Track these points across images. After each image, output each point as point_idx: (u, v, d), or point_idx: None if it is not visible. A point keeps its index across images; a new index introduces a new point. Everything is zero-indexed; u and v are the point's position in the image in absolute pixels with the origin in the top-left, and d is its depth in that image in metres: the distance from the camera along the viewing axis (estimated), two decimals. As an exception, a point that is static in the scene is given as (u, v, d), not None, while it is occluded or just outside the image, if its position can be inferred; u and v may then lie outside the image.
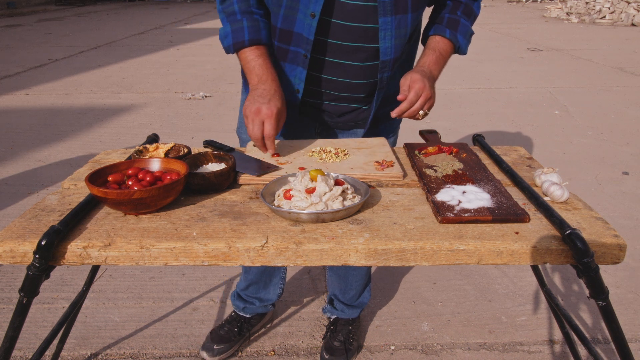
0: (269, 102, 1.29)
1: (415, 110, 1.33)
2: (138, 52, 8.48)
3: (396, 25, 1.33)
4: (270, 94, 1.31)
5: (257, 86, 1.33)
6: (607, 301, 0.95)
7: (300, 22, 1.34)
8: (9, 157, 3.88)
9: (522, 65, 7.23)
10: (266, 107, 1.28)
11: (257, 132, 1.28)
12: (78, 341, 1.98)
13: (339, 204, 1.04)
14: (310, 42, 1.35)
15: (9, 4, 16.65)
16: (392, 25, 1.33)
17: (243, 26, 1.36)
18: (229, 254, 0.95)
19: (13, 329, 1.01)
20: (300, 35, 1.36)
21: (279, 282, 1.94)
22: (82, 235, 0.98)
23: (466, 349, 1.96)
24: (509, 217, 1.01)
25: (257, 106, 1.28)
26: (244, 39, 1.36)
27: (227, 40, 1.38)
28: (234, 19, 1.37)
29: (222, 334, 1.91)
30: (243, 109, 1.32)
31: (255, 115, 1.28)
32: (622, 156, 3.88)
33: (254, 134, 1.29)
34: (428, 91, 1.32)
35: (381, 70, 1.40)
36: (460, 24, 1.44)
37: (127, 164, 1.16)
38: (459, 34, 1.43)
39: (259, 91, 1.32)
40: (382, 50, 1.36)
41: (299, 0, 1.31)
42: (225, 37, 1.39)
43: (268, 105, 1.28)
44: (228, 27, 1.38)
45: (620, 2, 12.26)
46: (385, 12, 1.30)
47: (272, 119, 1.28)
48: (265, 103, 1.29)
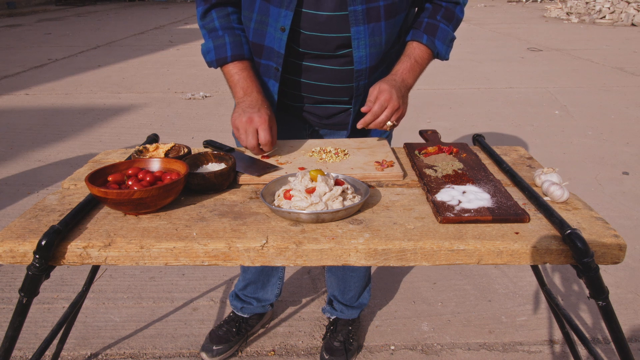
0: (259, 111, 1.30)
1: (380, 122, 1.32)
2: (138, 52, 8.48)
3: (370, 33, 1.31)
4: (258, 104, 1.33)
5: (244, 99, 1.35)
6: (607, 301, 0.95)
7: (271, 35, 1.35)
8: (9, 157, 3.88)
9: (522, 65, 7.23)
10: (257, 116, 1.29)
11: (252, 141, 1.29)
12: (78, 341, 1.98)
13: (339, 204, 1.04)
14: (281, 55, 1.36)
15: (9, 4, 16.65)
16: (365, 34, 1.31)
17: (225, 42, 1.38)
18: (229, 254, 0.95)
19: (13, 329, 1.01)
20: (271, 49, 1.37)
21: (277, 283, 1.94)
22: (82, 235, 0.97)
23: (466, 349, 1.96)
24: (509, 217, 1.01)
25: (248, 116, 1.29)
26: (226, 55, 1.38)
27: (210, 56, 1.41)
28: (216, 35, 1.40)
29: (220, 334, 1.91)
30: (232, 121, 1.33)
31: (248, 124, 1.29)
32: (622, 156, 3.88)
33: (249, 143, 1.30)
34: (395, 102, 1.30)
35: (356, 79, 1.39)
36: (439, 29, 1.40)
37: (127, 164, 1.16)
38: (437, 39, 1.40)
39: (247, 102, 1.34)
40: (356, 60, 1.35)
41: (268, 15, 1.32)
42: (207, 52, 1.41)
43: (259, 114, 1.30)
44: (210, 43, 1.40)
45: (620, 2, 12.26)
46: (357, 22, 1.29)
47: (266, 125, 1.29)
48: (255, 112, 1.30)
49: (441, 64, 5.67)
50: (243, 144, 1.32)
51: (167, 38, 10.25)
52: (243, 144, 1.32)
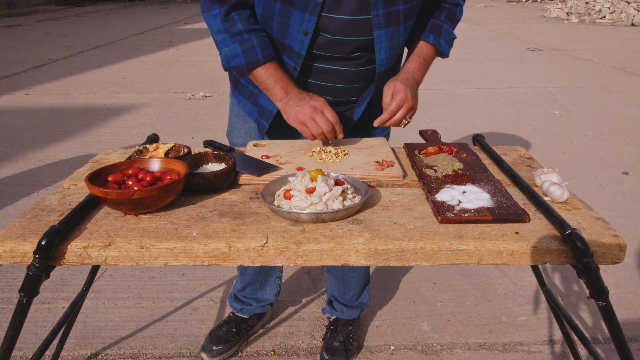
0: (314, 98, 1.30)
1: (396, 120, 1.36)
2: (138, 52, 8.48)
3: (390, 36, 1.35)
4: (306, 94, 1.33)
5: (289, 96, 1.33)
6: (607, 301, 0.95)
7: (293, 37, 1.35)
8: (9, 157, 3.88)
9: (522, 65, 7.23)
10: (316, 101, 1.29)
11: (327, 124, 1.28)
12: (78, 341, 1.98)
13: (339, 204, 1.04)
14: (301, 57, 1.36)
15: (9, 4, 16.64)
16: (386, 37, 1.34)
17: (254, 45, 1.33)
18: (229, 254, 0.95)
19: (13, 329, 1.01)
20: (292, 48, 1.37)
21: (275, 282, 1.94)
22: (82, 235, 0.97)
23: (466, 349, 1.96)
24: (509, 217, 1.01)
25: (308, 105, 1.29)
26: (257, 58, 1.34)
27: (238, 60, 1.35)
28: (241, 38, 1.34)
29: (220, 334, 1.91)
30: (293, 119, 1.30)
31: (313, 112, 1.28)
32: (622, 156, 3.88)
33: (325, 126, 1.28)
34: (410, 101, 1.35)
35: (377, 81, 1.43)
36: (443, 29, 1.46)
37: (127, 164, 1.16)
38: (442, 39, 1.46)
39: (295, 98, 1.32)
40: (378, 63, 1.38)
41: (290, 18, 1.31)
42: (234, 57, 1.35)
43: (316, 99, 1.30)
44: (237, 47, 1.34)
45: (620, 2, 12.26)
46: (379, 25, 1.31)
47: (328, 106, 1.29)
48: (312, 99, 1.30)
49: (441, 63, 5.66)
50: (315, 131, 1.29)
51: (167, 38, 10.25)
52: (315, 132, 1.29)
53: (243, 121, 1.61)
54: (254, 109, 1.54)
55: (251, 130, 1.60)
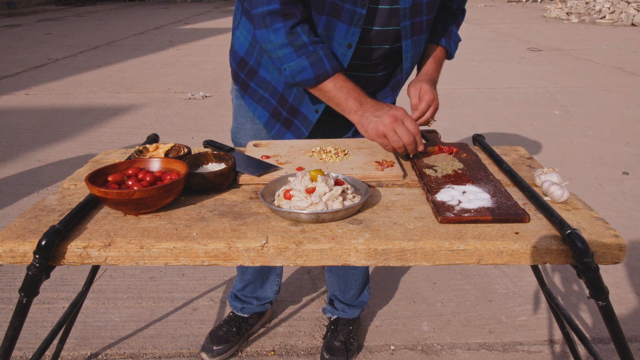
0: (392, 108, 1.26)
1: (426, 119, 1.42)
2: (138, 52, 8.48)
3: (413, 46, 1.41)
4: (382, 103, 1.29)
5: (363, 107, 1.28)
6: (607, 301, 0.95)
7: (335, 50, 1.36)
8: (9, 157, 3.88)
9: (522, 65, 7.23)
10: (395, 111, 1.24)
11: (409, 136, 1.22)
12: (78, 341, 1.98)
13: (339, 204, 1.04)
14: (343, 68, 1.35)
15: (9, 4, 16.65)
16: (411, 47, 1.41)
17: (320, 57, 1.28)
18: (229, 254, 0.95)
19: (13, 329, 1.01)
20: None
21: (275, 280, 1.95)
22: (82, 235, 0.97)
23: (466, 349, 1.96)
24: (509, 217, 1.01)
25: (388, 115, 1.23)
26: (326, 69, 1.28)
27: (305, 74, 1.29)
28: (307, 50, 1.28)
29: (220, 334, 1.91)
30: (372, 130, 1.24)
31: (395, 123, 1.22)
32: (622, 156, 3.88)
33: (407, 138, 1.22)
34: (436, 100, 1.42)
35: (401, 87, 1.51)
36: (453, 33, 1.54)
37: (127, 164, 1.16)
38: (452, 42, 1.55)
39: (371, 108, 1.27)
40: (405, 70, 1.46)
41: (334, 30, 1.32)
42: (301, 71, 1.29)
43: (395, 109, 1.25)
44: (304, 60, 1.28)
45: (620, 2, 12.26)
46: (406, 36, 1.37)
47: (408, 115, 1.25)
48: (391, 109, 1.25)
49: (441, 64, 5.67)
50: (396, 144, 1.23)
51: (167, 38, 10.25)
52: (396, 145, 1.23)
53: (252, 123, 1.60)
54: (264, 113, 1.54)
55: (260, 131, 1.60)
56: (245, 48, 1.50)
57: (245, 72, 1.52)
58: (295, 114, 1.51)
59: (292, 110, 1.51)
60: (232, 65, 1.58)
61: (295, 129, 1.54)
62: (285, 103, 1.50)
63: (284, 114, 1.52)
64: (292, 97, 1.48)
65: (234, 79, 1.59)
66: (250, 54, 1.49)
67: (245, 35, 1.49)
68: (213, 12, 16.35)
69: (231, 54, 1.57)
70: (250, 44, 1.48)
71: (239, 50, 1.52)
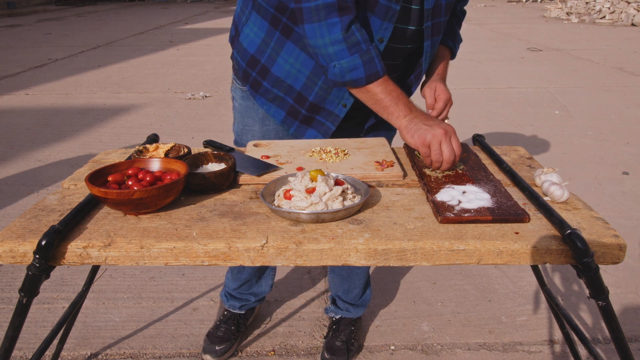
0: (441, 122, 1.24)
1: (443, 118, 1.47)
2: (138, 52, 8.48)
3: (432, 46, 1.43)
4: (431, 116, 1.28)
5: (414, 114, 1.26)
6: (607, 301, 0.95)
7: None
8: (9, 157, 3.88)
9: (522, 65, 7.23)
10: (447, 126, 1.22)
11: (451, 155, 1.20)
12: (78, 341, 1.98)
13: (339, 204, 1.04)
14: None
15: (9, 4, 16.65)
16: (430, 47, 1.43)
17: (373, 56, 1.25)
18: (229, 254, 0.95)
19: (13, 329, 1.01)
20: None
21: (270, 274, 1.96)
22: (82, 235, 0.97)
23: (466, 349, 1.96)
24: (509, 217, 1.01)
25: (442, 127, 1.21)
26: (377, 70, 1.26)
27: (357, 73, 1.25)
28: (360, 48, 1.24)
29: (220, 334, 1.91)
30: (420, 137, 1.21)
31: (444, 136, 1.20)
32: (622, 156, 3.88)
33: (449, 156, 1.20)
34: (451, 99, 1.48)
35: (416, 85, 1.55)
36: (457, 35, 1.61)
37: (127, 164, 1.16)
38: (456, 42, 1.62)
39: (420, 117, 1.26)
40: (424, 70, 1.49)
41: (368, 25, 1.31)
42: (352, 69, 1.25)
43: (445, 125, 1.22)
44: (357, 59, 1.24)
45: (620, 2, 12.26)
46: (428, 36, 1.39)
47: (455, 134, 1.23)
48: (441, 122, 1.24)
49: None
50: (436, 158, 1.20)
51: (167, 38, 10.25)
52: (436, 158, 1.20)
53: (261, 124, 1.56)
54: (280, 111, 1.51)
55: (269, 132, 1.56)
56: (256, 45, 1.43)
57: (257, 71, 1.46)
58: (317, 111, 1.49)
59: (313, 108, 1.48)
60: (239, 65, 1.50)
61: (318, 125, 1.52)
62: (304, 101, 1.46)
63: (303, 112, 1.48)
64: (314, 96, 1.44)
65: (242, 78, 1.52)
66: (262, 52, 1.43)
67: (256, 32, 1.42)
68: (213, 12, 16.35)
69: (238, 53, 1.49)
70: (262, 40, 1.42)
71: (249, 48, 1.45)
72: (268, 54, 1.42)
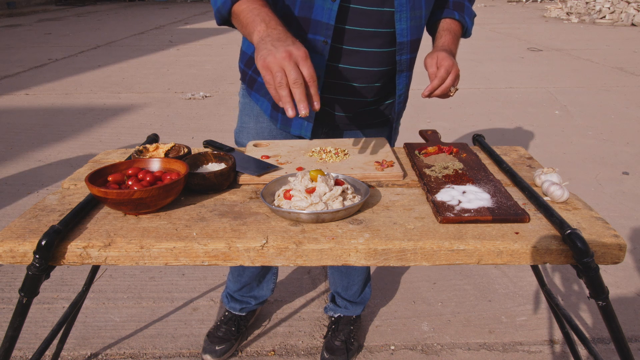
0: (295, 43, 1.08)
1: (447, 87, 1.31)
2: (138, 52, 8.48)
3: (411, 6, 1.33)
4: (289, 37, 1.11)
5: (268, 32, 1.12)
6: (607, 301, 0.95)
7: (319, 7, 1.29)
8: (9, 157, 3.88)
9: (522, 65, 7.23)
10: (295, 48, 1.05)
11: (297, 77, 1.03)
12: (78, 341, 1.98)
13: (339, 204, 1.04)
14: (330, 27, 1.30)
15: (9, 4, 16.65)
16: (407, 7, 1.32)
17: None
18: (229, 254, 0.95)
19: (13, 329, 1.01)
20: (319, 22, 1.31)
21: (272, 278, 1.96)
22: (82, 235, 0.97)
23: (466, 349, 1.96)
24: (509, 217, 1.01)
25: (284, 49, 1.05)
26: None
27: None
28: None
29: (220, 335, 1.91)
30: (261, 62, 1.07)
31: (286, 59, 1.04)
32: (622, 156, 3.88)
33: (293, 78, 1.03)
34: (456, 67, 1.32)
35: (399, 52, 1.39)
36: (465, 7, 1.47)
37: (127, 164, 1.16)
38: (466, 15, 1.46)
39: (274, 36, 1.10)
40: (398, 32, 1.35)
41: None
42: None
43: (296, 46, 1.06)
44: None
45: (620, 2, 12.26)
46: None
47: (308, 59, 1.06)
48: (290, 44, 1.07)
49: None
50: (278, 86, 1.05)
51: (167, 38, 10.25)
52: (279, 84, 1.04)
53: (255, 121, 1.58)
54: (268, 105, 1.52)
55: (263, 130, 1.58)
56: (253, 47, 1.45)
57: (253, 69, 1.52)
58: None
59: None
60: (240, 66, 1.59)
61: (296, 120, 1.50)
62: None
63: None
64: None
65: (242, 77, 1.59)
66: None
67: None
68: (213, 12, 16.35)
69: (240, 56, 1.59)
70: None
71: (247, 50, 1.52)
72: None
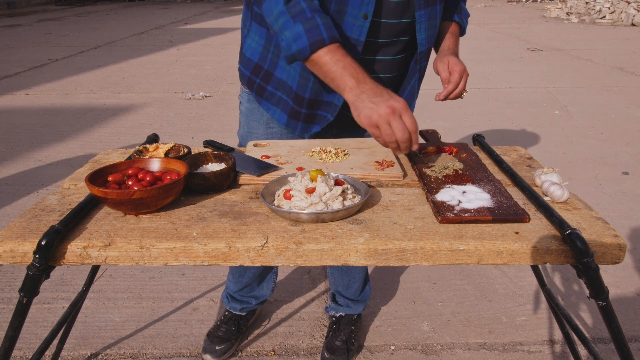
0: (393, 96, 1.13)
1: (460, 91, 1.40)
2: (138, 52, 8.48)
3: (428, 17, 1.38)
4: (382, 90, 1.15)
5: (360, 86, 1.15)
6: (607, 301, 0.95)
7: (350, 24, 1.31)
8: (9, 157, 3.88)
9: (522, 65, 7.23)
10: (395, 102, 1.11)
11: (404, 133, 1.10)
12: (78, 341, 1.98)
13: (339, 204, 1.04)
14: (361, 43, 1.32)
15: (9, 4, 16.65)
16: (425, 17, 1.37)
17: (318, 24, 1.18)
18: (229, 254, 0.95)
19: (13, 329, 1.01)
20: (349, 37, 1.32)
21: (272, 278, 1.96)
22: (82, 235, 0.97)
23: (466, 349, 1.96)
24: (509, 217, 1.01)
25: (387, 104, 1.10)
26: (323, 37, 1.17)
27: (301, 42, 1.18)
28: (304, 17, 1.18)
29: (220, 335, 1.91)
30: (366, 118, 1.12)
31: (391, 115, 1.10)
32: (622, 156, 3.88)
33: (402, 134, 1.10)
34: (467, 71, 1.40)
35: (419, 60, 1.45)
36: (462, 9, 1.56)
37: (127, 164, 1.16)
38: (463, 16, 1.56)
39: (369, 90, 1.14)
40: (419, 42, 1.40)
41: (347, 4, 1.28)
42: (296, 39, 1.18)
43: (396, 99, 1.12)
44: (299, 27, 1.17)
45: (620, 2, 12.26)
46: (420, 6, 1.35)
47: (408, 110, 1.12)
48: (390, 98, 1.12)
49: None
50: (389, 139, 1.11)
51: (167, 38, 10.25)
52: (388, 139, 1.11)
53: (266, 127, 1.57)
54: (283, 115, 1.51)
55: (273, 135, 1.57)
56: (258, 54, 1.46)
57: (261, 77, 1.48)
58: (317, 106, 1.47)
59: (311, 105, 1.46)
60: (244, 74, 1.54)
61: (321, 119, 1.50)
62: (302, 101, 1.45)
63: (303, 112, 1.47)
64: (309, 92, 1.43)
65: (247, 85, 1.55)
66: (264, 58, 1.45)
67: (257, 41, 1.46)
68: (213, 12, 16.35)
69: (242, 64, 1.54)
70: (263, 47, 1.45)
71: (252, 57, 1.48)
72: (270, 59, 1.45)
